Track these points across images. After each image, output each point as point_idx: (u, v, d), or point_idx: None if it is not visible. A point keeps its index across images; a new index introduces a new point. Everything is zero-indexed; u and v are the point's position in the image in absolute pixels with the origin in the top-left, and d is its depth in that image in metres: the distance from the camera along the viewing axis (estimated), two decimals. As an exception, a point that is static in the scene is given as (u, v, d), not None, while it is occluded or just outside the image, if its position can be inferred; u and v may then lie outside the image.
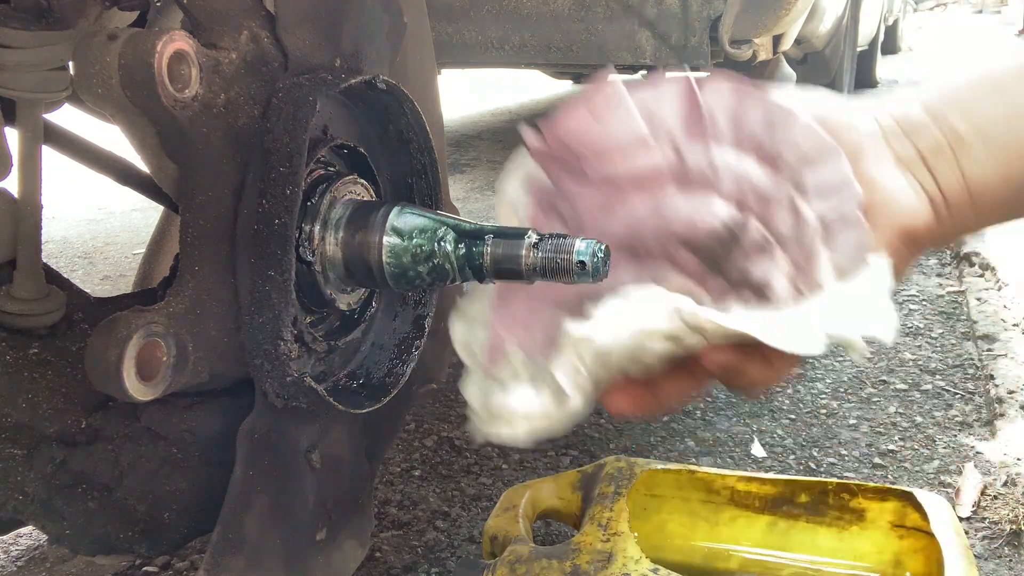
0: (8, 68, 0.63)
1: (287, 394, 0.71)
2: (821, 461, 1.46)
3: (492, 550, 0.98)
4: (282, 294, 0.67)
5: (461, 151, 4.16)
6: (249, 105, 0.68)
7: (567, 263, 0.55)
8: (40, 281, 0.65)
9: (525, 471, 1.42)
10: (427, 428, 1.56)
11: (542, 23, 1.73)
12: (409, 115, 0.81)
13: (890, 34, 7.39)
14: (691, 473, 1.06)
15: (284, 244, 0.67)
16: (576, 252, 0.54)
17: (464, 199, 3.25)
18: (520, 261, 0.60)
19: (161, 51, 0.58)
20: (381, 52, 0.83)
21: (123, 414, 0.68)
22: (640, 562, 0.89)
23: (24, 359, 0.63)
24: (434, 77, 0.96)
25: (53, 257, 2.67)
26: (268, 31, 0.70)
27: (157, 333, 0.61)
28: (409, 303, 0.87)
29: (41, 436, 0.63)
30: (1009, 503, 1.30)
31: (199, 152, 0.64)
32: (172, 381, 0.63)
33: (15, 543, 1.27)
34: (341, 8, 0.76)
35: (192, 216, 0.65)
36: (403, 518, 1.29)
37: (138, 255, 1.64)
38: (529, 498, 1.03)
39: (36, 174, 0.65)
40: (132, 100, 0.59)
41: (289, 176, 0.67)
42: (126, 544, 0.70)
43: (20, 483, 0.63)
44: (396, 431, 0.95)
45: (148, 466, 0.69)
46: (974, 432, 1.54)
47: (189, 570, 1.18)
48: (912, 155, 0.50)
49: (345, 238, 0.74)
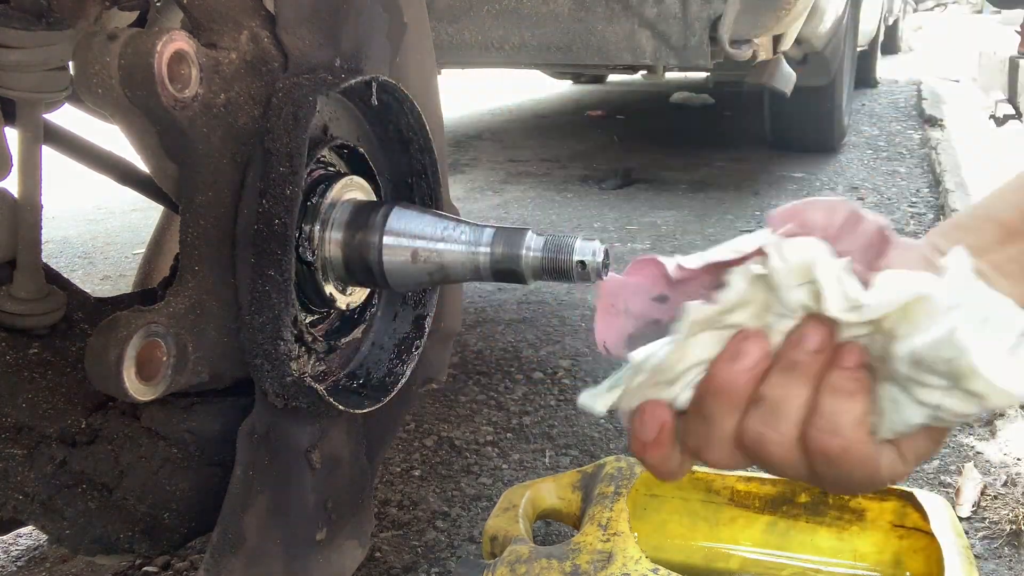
0: (8, 68, 0.63)
1: (287, 394, 0.71)
2: (821, 461, 1.46)
3: (492, 550, 0.98)
4: (282, 294, 0.67)
5: (461, 151, 4.16)
6: (249, 105, 0.68)
7: (567, 263, 0.55)
8: (40, 281, 0.65)
9: (525, 471, 1.42)
10: (427, 428, 1.56)
11: (542, 23, 1.73)
12: (409, 115, 0.81)
13: (890, 34, 7.39)
14: (691, 473, 1.06)
15: (284, 244, 0.67)
16: (576, 252, 0.54)
17: (464, 199, 3.25)
18: (520, 261, 0.60)
19: (161, 51, 0.58)
20: (381, 52, 0.83)
21: (123, 414, 0.68)
22: (640, 562, 0.89)
23: (24, 359, 0.63)
24: (434, 77, 0.96)
25: (53, 257, 2.67)
26: (268, 31, 0.70)
27: (157, 333, 0.61)
28: (409, 303, 0.87)
29: (41, 436, 0.63)
30: (1009, 503, 1.30)
31: (199, 152, 0.64)
32: (172, 381, 0.63)
33: (15, 543, 1.27)
34: (341, 8, 0.76)
35: (192, 216, 0.65)
36: (403, 518, 1.29)
37: (138, 255, 1.64)
38: (529, 498, 1.03)
39: (36, 174, 0.65)
40: (132, 100, 0.59)
41: (289, 176, 0.67)
42: (126, 544, 0.70)
43: (20, 483, 0.63)
44: (396, 431, 0.95)
45: (148, 466, 0.69)
46: (974, 432, 1.54)
47: (189, 570, 1.18)
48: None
49: (345, 238, 0.74)
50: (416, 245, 0.71)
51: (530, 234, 0.60)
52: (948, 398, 0.44)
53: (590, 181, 3.49)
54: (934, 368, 0.43)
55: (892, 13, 7.06)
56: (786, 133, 3.75)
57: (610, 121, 4.88)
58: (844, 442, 0.47)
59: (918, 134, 4.18)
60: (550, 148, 4.21)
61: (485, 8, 1.76)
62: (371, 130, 0.84)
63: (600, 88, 6.23)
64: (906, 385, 0.45)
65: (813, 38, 2.55)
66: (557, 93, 6.07)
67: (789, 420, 0.48)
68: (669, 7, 1.67)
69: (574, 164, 3.82)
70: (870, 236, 0.48)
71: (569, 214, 3.01)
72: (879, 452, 0.47)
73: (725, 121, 4.83)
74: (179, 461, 0.71)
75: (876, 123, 4.55)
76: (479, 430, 1.55)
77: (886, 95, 5.52)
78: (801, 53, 2.82)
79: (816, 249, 0.45)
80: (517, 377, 1.75)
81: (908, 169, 3.50)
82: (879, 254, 0.48)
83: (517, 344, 1.90)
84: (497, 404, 1.65)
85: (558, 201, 3.21)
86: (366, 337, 0.85)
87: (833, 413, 0.47)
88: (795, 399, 0.48)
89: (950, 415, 0.45)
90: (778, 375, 0.48)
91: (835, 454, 0.47)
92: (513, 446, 1.50)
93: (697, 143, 4.15)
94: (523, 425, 1.56)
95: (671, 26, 1.68)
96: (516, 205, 3.17)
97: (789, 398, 0.48)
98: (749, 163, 3.68)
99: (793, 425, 0.48)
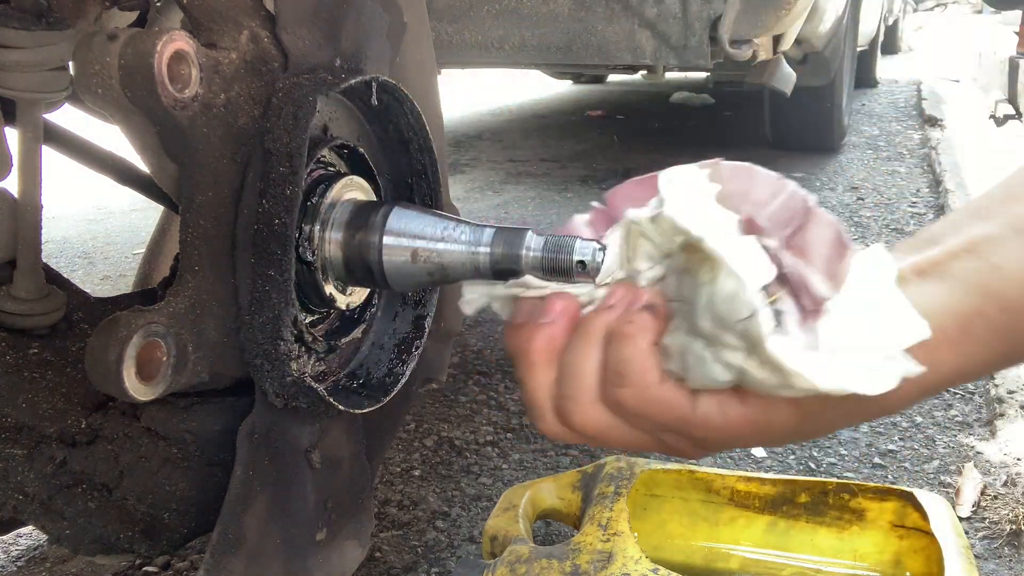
0: (8, 68, 0.63)
1: (287, 394, 0.71)
2: (821, 461, 1.46)
3: (492, 550, 0.98)
4: (282, 294, 0.67)
5: (461, 151, 4.16)
6: (249, 105, 0.68)
7: (567, 262, 0.55)
8: (40, 281, 0.65)
9: (525, 471, 1.42)
10: (427, 428, 1.56)
11: (542, 23, 1.73)
12: (409, 115, 0.81)
13: (890, 34, 7.39)
14: (691, 473, 1.06)
15: (284, 244, 0.67)
16: (576, 251, 0.54)
17: (464, 199, 3.25)
18: (520, 261, 0.60)
19: (161, 51, 0.58)
20: (381, 52, 0.83)
21: (123, 414, 0.68)
22: (640, 562, 0.89)
23: (24, 359, 0.63)
24: (434, 77, 0.96)
25: (53, 257, 2.67)
26: (268, 31, 0.70)
27: (157, 333, 0.61)
28: (409, 303, 0.87)
29: (41, 436, 0.63)
30: (1009, 503, 1.30)
31: (199, 152, 0.64)
32: (172, 381, 0.63)
33: (15, 543, 1.27)
34: (341, 8, 0.76)
35: (192, 216, 0.65)
36: (403, 518, 1.29)
37: (138, 255, 1.64)
38: (529, 498, 1.03)
39: (36, 174, 0.65)
40: (132, 100, 0.59)
41: (289, 176, 0.67)
42: (126, 544, 0.70)
43: (20, 483, 0.63)
44: (396, 431, 0.95)
45: (148, 466, 0.69)
46: (974, 432, 1.54)
47: (189, 570, 1.18)
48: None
49: (345, 238, 0.74)
50: (416, 245, 0.71)
51: (530, 234, 0.60)
52: (749, 363, 0.44)
53: (590, 181, 3.49)
54: (731, 327, 0.43)
55: (892, 13, 7.06)
56: (786, 133, 3.75)
57: (610, 121, 4.88)
58: (634, 390, 0.46)
59: (918, 134, 4.18)
60: (550, 148, 4.21)
61: (485, 8, 1.75)
62: (371, 130, 0.84)
63: (600, 88, 6.23)
64: (711, 342, 0.45)
65: (813, 38, 2.55)
66: (557, 93, 6.07)
67: (582, 386, 0.48)
68: (669, 7, 1.67)
69: (574, 164, 3.82)
70: (794, 211, 0.47)
71: (569, 214, 2.98)
72: (688, 398, 0.47)
73: (725, 121, 4.83)
74: (179, 461, 0.71)
75: (876, 123, 4.55)
76: (479, 430, 1.55)
77: (886, 95, 5.52)
78: (801, 53, 2.82)
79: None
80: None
81: (908, 169, 3.50)
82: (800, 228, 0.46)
83: (517, 344, 1.89)
84: (497, 404, 1.65)
85: (558, 201, 3.21)
86: (366, 337, 0.85)
87: (617, 362, 0.47)
88: (586, 362, 0.48)
89: (757, 383, 0.44)
90: (573, 340, 0.49)
91: (631, 404, 0.47)
92: (513, 446, 1.50)
93: (697, 143, 4.15)
94: (523, 425, 1.56)
95: (671, 26, 1.68)
96: (516, 205, 3.17)
97: (578, 361, 0.48)
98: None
99: (587, 389, 0.48)
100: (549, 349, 0.49)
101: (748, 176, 0.48)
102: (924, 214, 2.84)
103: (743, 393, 0.46)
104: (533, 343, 0.49)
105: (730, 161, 0.49)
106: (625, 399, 0.47)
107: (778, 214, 0.46)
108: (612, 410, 0.48)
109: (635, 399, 0.47)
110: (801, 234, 0.45)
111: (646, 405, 0.47)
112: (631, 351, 0.46)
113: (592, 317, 0.49)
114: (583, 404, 0.48)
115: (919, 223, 2.73)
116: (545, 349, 0.49)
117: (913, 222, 2.75)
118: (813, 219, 0.46)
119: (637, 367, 0.46)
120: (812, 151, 3.75)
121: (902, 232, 2.66)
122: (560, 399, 0.49)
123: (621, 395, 0.47)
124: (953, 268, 0.46)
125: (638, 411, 0.47)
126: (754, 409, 0.46)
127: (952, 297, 0.45)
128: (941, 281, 0.46)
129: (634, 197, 0.51)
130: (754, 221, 0.45)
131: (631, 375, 0.46)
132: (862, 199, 3.07)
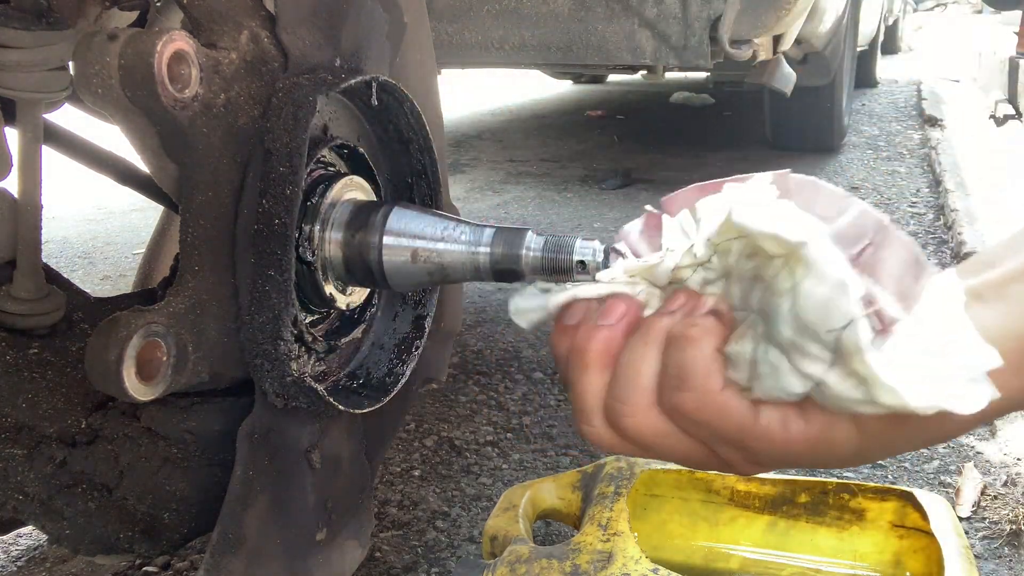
0: (8, 68, 0.63)
1: (287, 394, 0.71)
2: (821, 461, 1.46)
3: (492, 550, 0.98)
4: (282, 294, 0.67)
5: (461, 151, 4.16)
6: (249, 105, 0.68)
7: (567, 262, 0.55)
8: (40, 281, 0.65)
9: (525, 471, 1.42)
10: (427, 428, 1.56)
11: (542, 23, 1.73)
12: (409, 115, 0.81)
13: (890, 34, 7.39)
14: (691, 473, 1.06)
15: (284, 244, 0.67)
16: (576, 252, 0.54)
17: (464, 199, 3.25)
18: (520, 261, 0.60)
19: (161, 51, 0.58)
20: (381, 52, 0.83)
21: (123, 414, 0.68)
22: (640, 562, 0.89)
23: (24, 359, 0.63)
24: (434, 77, 0.96)
25: (53, 257, 2.67)
26: (268, 31, 0.70)
27: (157, 333, 0.61)
28: (409, 303, 0.87)
29: (41, 436, 0.63)
30: (1009, 503, 1.30)
31: (199, 152, 0.64)
32: (172, 381, 0.63)
33: (15, 543, 1.27)
34: (341, 8, 0.76)
35: (192, 216, 0.65)
36: (403, 518, 1.29)
37: (138, 255, 1.64)
38: (529, 498, 1.03)
39: (36, 174, 0.65)
40: (132, 100, 0.59)
41: (289, 176, 0.67)
42: (126, 544, 0.70)
43: (20, 483, 0.63)
44: (396, 431, 0.95)
45: (148, 466, 0.69)
46: (974, 432, 1.54)
47: (189, 570, 1.18)
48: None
49: (345, 238, 0.74)
50: (416, 245, 0.71)
51: (530, 234, 0.60)
52: (831, 375, 0.42)
53: (590, 181, 3.49)
54: (818, 336, 0.42)
55: (892, 13, 7.06)
56: (786, 133, 3.75)
57: (610, 121, 4.88)
58: (695, 394, 0.45)
59: (918, 134, 4.18)
60: (550, 148, 4.21)
61: (485, 8, 1.75)
62: (371, 130, 0.84)
63: (600, 88, 6.23)
64: (788, 351, 0.43)
65: (813, 38, 2.55)
66: (557, 93, 6.07)
67: (638, 388, 0.47)
68: (669, 7, 1.67)
69: (574, 164, 3.82)
70: (864, 229, 0.46)
71: (569, 214, 3.01)
72: (752, 408, 0.45)
73: (725, 121, 4.83)
74: (179, 461, 0.71)
75: (876, 123, 4.55)
76: (479, 430, 1.55)
77: (886, 95, 5.52)
78: (801, 53, 2.82)
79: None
80: (517, 377, 1.75)
81: (908, 169, 3.50)
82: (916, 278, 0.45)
83: (517, 344, 1.90)
84: (497, 404, 1.65)
85: (558, 201, 3.21)
86: (366, 337, 0.86)
87: (679, 365, 0.45)
88: (643, 365, 0.47)
89: (833, 397, 0.43)
90: (631, 342, 0.47)
91: (691, 409, 0.46)
92: (513, 446, 1.50)
93: (697, 143, 4.15)
94: (523, 425, 1.56)
95: (671, 26, 1.68)
96: (516, 205, 3.17)
97: (636, 363, 0.47)
98: (749, 163, 3.68)
99: (644, 392, 0.47)
100: (607, 351, 0.48)
101: (814, 190, 0.47)
102: (924, 214, 2.84)
103: (807, 410, 0.45)
104: (591, 344, 0.48)
105: (797, 174, 0.48)
106: (685, 403, 0.46)
107: (847, 231, 0.45)
108: (668, 416, 0.47)
109: (695, 403, 0.45)
110: (874, 252, 0.44)
111: (706, 411, 0.45)
112: (694, 354, 0.45)
113: (653, 319, 0.48)
114: (638, 408, 0.47)
115: (919, 223, 2.73)
116: (603, 351, 0.48)
117: (913, 222, 2.75)
118: (888, 238, 0.45)
119: (700, 371, 0.45)
120: (812, 151, 3.76)
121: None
122: (613, 402, 0.48)
123: (681, 399, 0.46)
124: (1012, 291, 0.45)
125: (697, 417, 0.46)
126: (817, 427, 0.45)
127: (1013, 321, 0.44)
128: (1001, 304, 0.45)
129: (693, 203, 0.49)
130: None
131: (693, 379, 0.45)
132: (862, 199, 3.07)
